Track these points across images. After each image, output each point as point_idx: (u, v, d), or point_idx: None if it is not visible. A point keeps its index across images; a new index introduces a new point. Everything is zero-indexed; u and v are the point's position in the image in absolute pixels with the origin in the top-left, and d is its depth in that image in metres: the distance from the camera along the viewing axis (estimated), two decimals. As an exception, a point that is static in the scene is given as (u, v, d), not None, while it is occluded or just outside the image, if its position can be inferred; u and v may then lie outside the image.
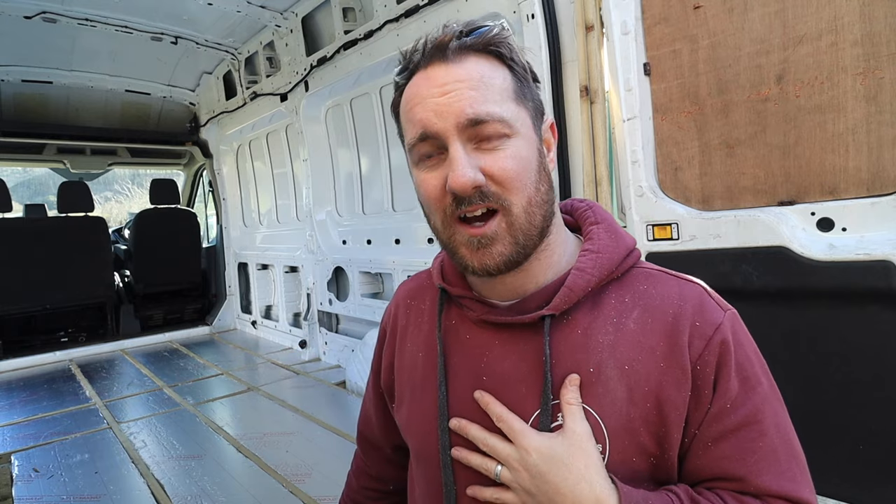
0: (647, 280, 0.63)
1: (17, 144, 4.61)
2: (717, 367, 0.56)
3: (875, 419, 1.23)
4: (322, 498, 1.82)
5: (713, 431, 0.56)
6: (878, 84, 1.20)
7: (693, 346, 0.57)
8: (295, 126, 3.70)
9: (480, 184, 0.56)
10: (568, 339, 0.61)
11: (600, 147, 1.76)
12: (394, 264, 3.00)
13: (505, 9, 2.10)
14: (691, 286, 0.62)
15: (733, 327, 0.59)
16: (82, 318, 4.58)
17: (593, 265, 0.61)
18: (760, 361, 0.59)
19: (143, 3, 3.32)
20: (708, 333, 0.57)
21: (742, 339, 0.59)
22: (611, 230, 0.65)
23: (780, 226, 1.32)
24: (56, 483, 2.00)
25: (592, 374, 0.58)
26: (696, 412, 0.56)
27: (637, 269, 0.65)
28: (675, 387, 0.56)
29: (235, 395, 3.00)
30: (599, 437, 0.57)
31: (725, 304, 0.61)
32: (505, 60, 0.61)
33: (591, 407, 0.58)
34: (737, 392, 0.56)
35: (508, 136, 0.57)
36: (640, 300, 0.61)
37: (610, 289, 0.63)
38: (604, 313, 0.61)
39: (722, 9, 1.41)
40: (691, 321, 0.58)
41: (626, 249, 0.64)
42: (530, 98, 0.62)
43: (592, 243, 0.64)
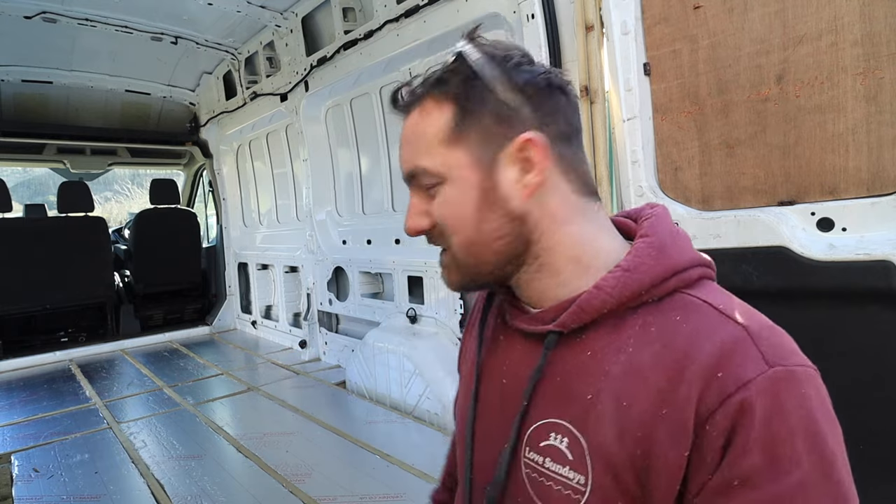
0: (685, 310, 0.54)
1: (17, 144, 4.60)
2: (729, 433, 0.46)
3: (875, 419, 1.23)
4: (322, 498, 1.82)
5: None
6: (878, 84, 1.20)
7: (705, 401, 0.47)
8: (295, 126, 3.70)
9: (422, 230, 0.63)
10: (576, 359, 0.57)
11: (600, 147, 1.76)
12: (394, 264, 3.00)
13: (505, 9, 2.10)
14: (731, 327, 0.51)
15: (775, 389, 0.46)
16: (82, 318, 4.58)
17: (615, 285, 0.55)
18: (816, 441, 0.46)
19: (143, 3, 3.32)
20: (728, 390, 0.46)
21: (789, 405, 0.46)
22: (657, 246, 0.58)
23: (780, 226, 1.32)
24: (56, 483, 2.00)
25: (589, 403, 0.54)
26: (696, 479, 0.48)
27: (682, 295, 0.56)
28: (669, 442, 0.48)
29: (235, 395, 3.00)
30: (583, 469, 0.53)
31: (781, 358, 0.48)
32: (449, 95, 0.58)
33: (582, 435, 0.54)
34: (756, 470, 0.45)
35: (440, 183, 0.60)
36: (666, 333, 0.53)
37: (640, 313, 0.56)
38: (621, 339, 0.55)
39: (722, 9, 1.41)
40: (712, 370, 0.48)
41: (669, 270, 0.56)
42: (476, 126, 0.58)
43: (628, 260, 0.57)
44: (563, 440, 0.56)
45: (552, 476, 0.56)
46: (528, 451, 0.59)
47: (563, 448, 0.56)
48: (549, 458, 0.56)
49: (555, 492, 0.55)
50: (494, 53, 0.59)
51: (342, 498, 1.82)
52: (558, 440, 0.56)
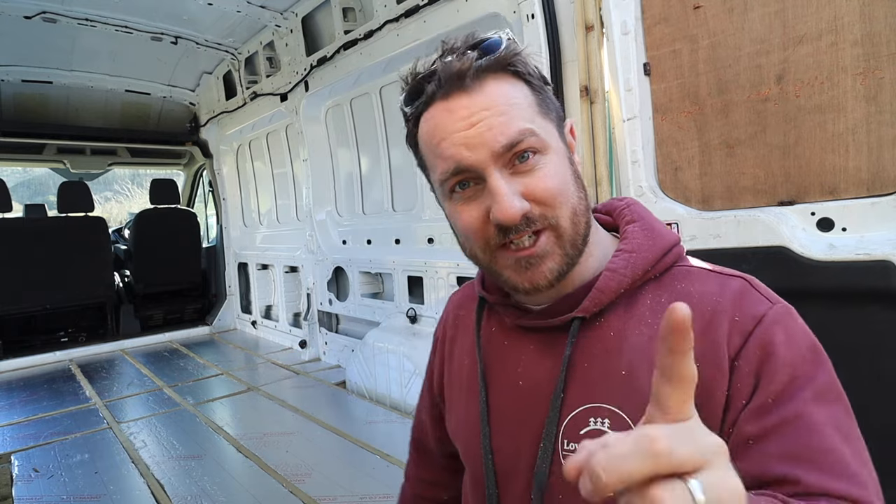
0: (687, 278, 0.60)
1: (17, 144, 4.60)
2: (759, 363, 0.52)
3: (875, 419, 1.23)
4: (322, 498, 1.82)
5: (753, 429, 0.51)
6: (878, 84, 1.20)
7: (732, 342, 0.53)
8: (295, 126, 3.70)
9: (527, 211, 0.56)
10: (600, 342, 0.59)
11: (600, 147, 1.76)
12: (394, 264, 3.00)
13: (505, 9, 2.10)
14: (734, 280, 0.59)
15: (781, 321, 0.54)
16: (82, 318, 4.58)
17: (626, 265, 0.59)
18: (818, 360, 0.54)
19: (143, 3, 3.32)
20: (748, 328, 0.53)
21: (794, 333, 0.54)
22: (647, 228, 0.63)
23: (780, 226, 1.32)
24: (56, 483, 2.00)
25: (624, 377, 0.57)
26: (734, 408, 0.52)
27: (678, 268, 0.62)
28: (711, 386, 0.52)
29: (235, 395, 3.00)
30: None
31: (775, 298, 0.57)
32: (522, 76, 0.59)
33: (623, 410, 0.56)
34: (783, 387, 0.51)
35: (542, 153, 0.57)
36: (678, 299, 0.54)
37: (647, 289, 0.61)
38: (638, 314, 0.59)
39: (722, 9, 1.41)
40: (730, 316, 0.55)
41: (665, 247, 0.62)
42: (552, 107, 0.62)
43: (627, 243, 0.62)
44: (605, 421, 0.57)
45: None
46: (566, 444, 0.58)
47: (605, 429, 0.56)
48: None
49: None
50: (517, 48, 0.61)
51: (342, 498, 1.82)
52: (599, 423, 0.57)
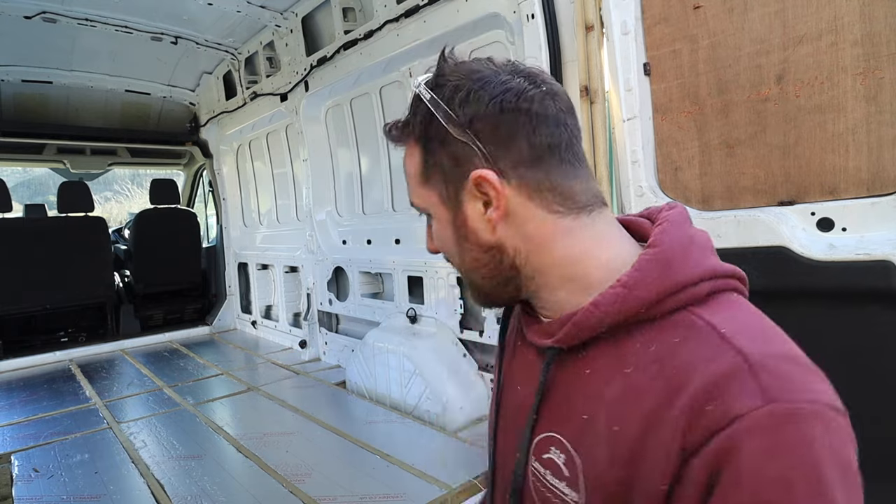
0: (687, 331, 0.50)
1: (17, 144, 4.60)
2: (714, 473, 0.42)
3: (875, 419, 1.23)
4: (322, 498, 1.82)
5: None
6: (878, 84, 1.20)
7: (692, 434, 0.44)
8: (295, 126, 3.70)
9: (435, 251, 0.68)
10: (578, 377, 0.57)
11: (600, 147, 1.76)
12: (394, 264, 3.00)
13: (505, 9, 2.10)
14: (730, 355, 0.46)
15: (773, 427, 0.41)
16: (82, 318, 4.58)
17: (612, 302, 0.53)
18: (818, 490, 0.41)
19: (143, 3, 3.32)
20: (716, 425, 0.43)
21: (783, 450, 0.41)
22: (662, 260, 0.53)
23: (780, 226, 1.32)
24: (56, 483, 2.00)
25: (585, 423, 0.54)
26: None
27: (686, 314, 0.52)
28: (652, 470, 0.47)
29: (235, 395, 3.00)
30: (576, 487, 0.54)
31: (784, 394, 0.43)
32: (418, 140, 0.62)
33: (577, 454, 0.54)
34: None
35: (432, 216, 0.65)
36: (664, 356, 0.50)
37: (644, 330, 0.53)
38: (620, 359, 0.53)
39: (722, 9, 1.41)
40: (702, 402, 0.44)
41: (671, 288, 0.52)
42: (438, 166, 0.60)
43: (629, 275, 0.54)
44: (561, 456, 0.56)
45: (552, 489, 0.57)
46: (534, 461, 0.60)
47: (560, 464, 0.56)
48: (550, 472, 0.58)
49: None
50: (445, 88, 0.57)
51: (342, 498, 1.82)
52: (557, 455, 0.57)
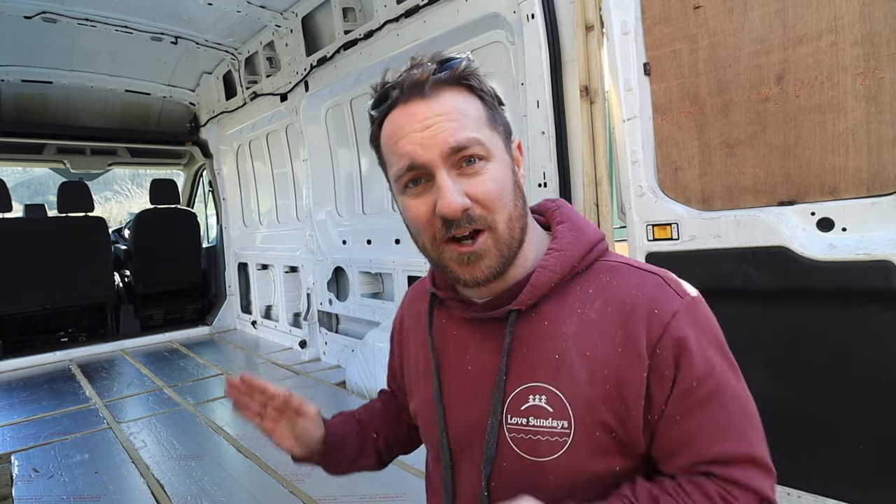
0: (610, 272, 0.69)
1: (17, 144, 4.61)
2: (676, 352, 0.62)
3: (875, 419, 1.23)
4: (322, 498, 1.82)
5: (680, 408, 0.62)
6: (878, 84, 1.20)
7: (651, 333, 0.62)
8: (295, 126, 3.70)
9: (468, 207, 0.63)
10: (536, 330, 0.68)
11: (600, 147, 1.76)
12: (394, 264, 3.00)
13: (505, 9, 2.10)
14: (650, 277, 0.67)
15: (691, 312, 0.64)
16: (82, 318, 4.58)
17: (556, 262, 0.68)
18: (718, 341, 0.65)
19: (143, 3, 3.32)
20: (665, 320, 0.63)
21: (701, 322, 0.64)
22: (574, 228, 0.72)
23: (780, 226, 1.32)
24: (56, 483, 2.00)
25: (557, 361, 0.66)
26: (660, 392, 0.62)
27: (601, 262, 0.71)
28: (631, 369, 0.62)
29: (235, 395, 3.00)
30: (565, 415, 0.64)
31: (684, 291, 0.66)
32: (475, 91, 0.67)
33: (557, 389, 0.65)
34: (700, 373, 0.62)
35: (487, 160, 0.65)
36: (603, 291, 0.67)
37: (576, 281, 0.69)
38: (568, 305, 0.68)
39: (722, 9, 1.41)
40: (649, 309, 0.63)
41: (589, 245, 0.70)
42: (500, 123, 0.69)
43: (556, 242, 0.70)
44: (542, 398, 0.66)
45: (538, 430, 0.66)
46: (510, 418, 0.67)
47: (542, 404, 0.66)
48: (532, 416, 0.66)
49: (543, 443, 0.65)
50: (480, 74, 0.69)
51: (342, 498, 1.82)
52: (537, 399, 0.66)
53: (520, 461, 0.67)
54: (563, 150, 1.88)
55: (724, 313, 1.47)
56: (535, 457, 0.65)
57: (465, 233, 0.64)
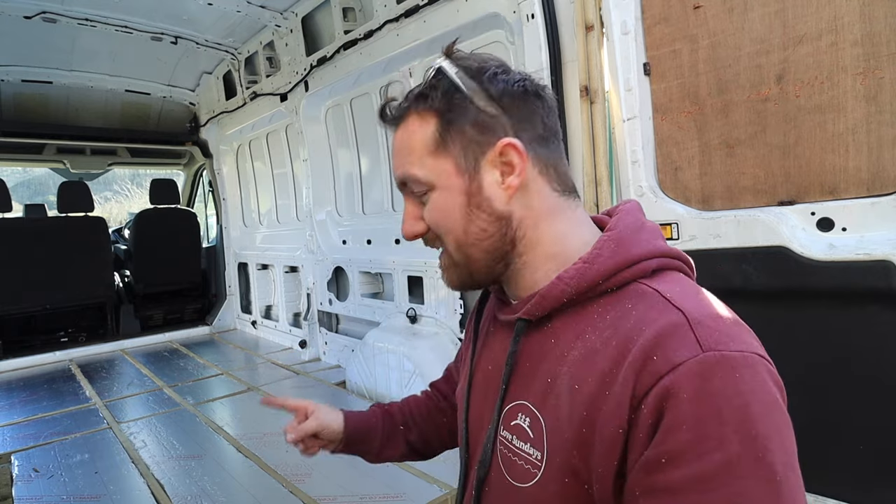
0: (638, 299, 0.57)
1: (17, 144, 4.60)
2: (659, 412, 0.48)
3: (875, 419, 1.23)
4: (322, 498, 1.82)
5: (642, 483, 0.48)
6: (878, 84, 1.20)
7: (640, 382, 0.50)
8: (295, 126, 3.70)
9: (417, 234, 0.69)
10: (542, 346, 0.63)
11: (600, 147, 1.76)
12: (394, 264, 3.00)
13: (505, 9, 2.10)
14: (672, 313, 0.53)
15: (705, 372, 0.47)
16: (82, 318, 4.58)
17: (574, 276, 0.60)
18: (745, 424, 0.46)
19: (143, 3, 3.32)
20: (660, 371, 0.49)
21: (718, 388, 0.47)
22: (619, 240, 0.61)
23: (780, 226, 1.32)
24: (56, 483, 2.00)
25: (548, 385, 0.60)
26: (632, 455, 0.50)
27: (637, 285, 0.59)
28: (608, 419, 0.52)
29: (235, 395, 3.00)
30: (540, 446, 0.59)
31: (718, 343, 0.49)
32: (433, 109, 0.64)
33: (541, 415, 0.60)
34: (682, 448, 0.46)
35: (430, 190, 0.65)
36: (618, 320, 0.56)
37: (600, 302, 0.60)
38: (580, 327, 0.60)
39: (722, 9, 1.41)
40: (648, 353, 0.51)
41: (625, 262, 0.59)
42: (456, 136, 0.63)
43: (590, 252, 0.61)
44: (527, 419, 0.61)
45: (517, 452, 0.62)
46: (502, 430, 0.65)
47: (525, 427, 0.61)
48: (516, 437, 0.63)
49: (518, 466, 0.62)
50: (471, 66, 0.64)
51: (342, 498, 1.82)
52: (523, 419, 0.62)
53: (502, 478, 0.64)
54: (563, 150, 1.87)
55: (724, 313, 1.47)
56: (512, 479, 0.62)
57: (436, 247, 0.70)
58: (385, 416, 1.02)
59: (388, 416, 1.02)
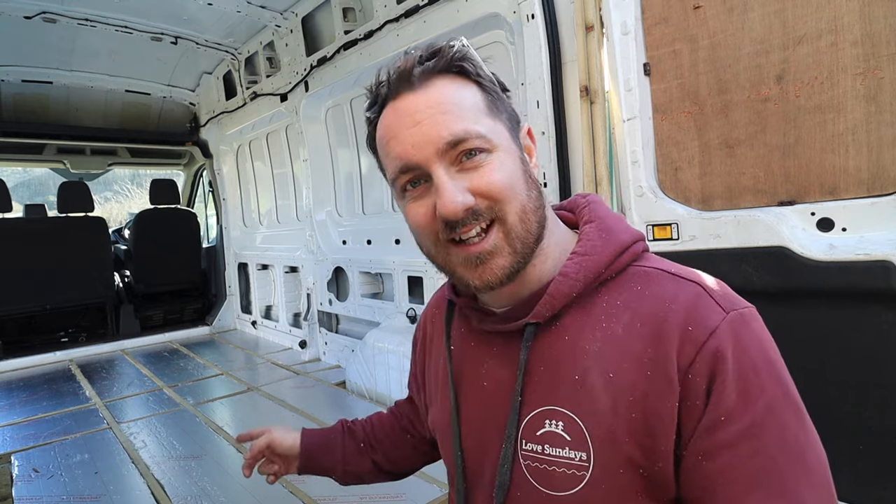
0: (643, 280, 0.59)
1: (17, 144, 4.60)
2: (710, 376, 0.52)
3: (875, 419, 1.23)
4: (322, 498, 1.82)
5: (704, 446, 0.52)
6: (878, 84, 1.20)
7: (683, 354, 0.53)
8: (295, 126, 3.70)
9: (470, 205, 0.56)
10: (555, 346, 0.60)
11: (600, 147, 1.76)
12: (394, 264, 3.00)
13: (505, 9, 2.10)
14: (688, 286, 0.57)
15: (734, 330, 0.53)
16: (82, 318, 4.58)
17: (577, 270, 0.59)
18: (771, 368, 0.53)
19: (143, 3, 3.32)
20: (700, 339, 0.52)
21: (746, 343, 0.53)
22: (603, 228, 0.63)
23: (780, 226, 1.32)
24: (56, 483, 2.00)
25: (577, 382, 0.58)
26: (689, 423, 0.52)
27: (635, 268, 0.61)
28: (660, 397, 0.53)
29: (235, 395, 3.00)
30: (583, 446, 0.56)
31: (731, 303, 0.55)
32: (471, 77, 0.60)
33: (576, 415, 0.57)
34: (733, 404, 0.51)
35: (489, 151, 0.58)
36: (632, 303, 0.58)
37: (603, 291, 0.60)
38: (592, 318, 0.59)
39: (722, 9, 1.41)
40: (682, 326, 0.54)
41: (619, 248, 0.61)
42: (503, 110, 0.62)
43: (581, 244, 0.62)
44: (559, 424, 0.58)
45: (553, 460, 0.58)
46: (524, 444, 0.60)
47: (559, 431, 0.58)
48: (548, 445, 0.58)
49: (558, 475, 0.58)
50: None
51: (342, 498, 1.82)
52: (554, 425, 0.58)
53: (534, 492, 0.59)
54: (563, 151, 1.88)
55: (724, 313, 1.46)
56: (550, 490, 0.58)
57: (472, 231, 0.57)
58: (346, 432, 0.98)
59: (350, 432, 0.98)
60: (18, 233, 4.16)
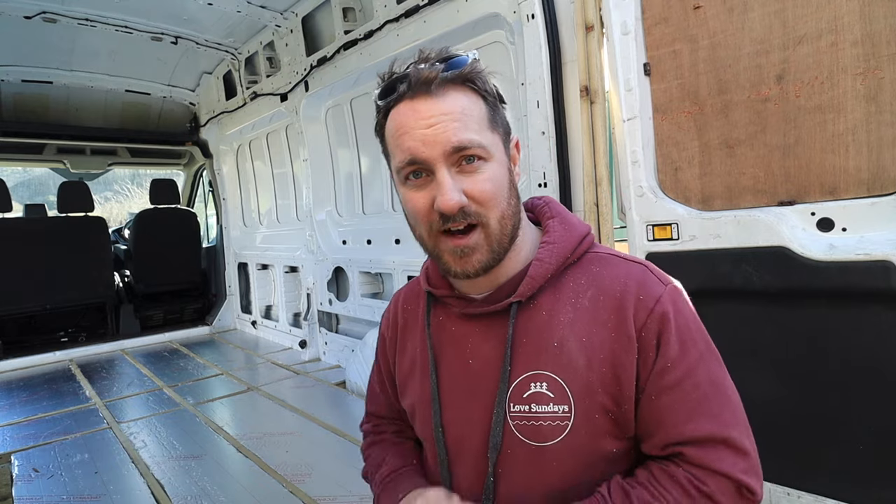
0: (599, 263, 0.75)
1: (17, 144, 4.61)
2: (658, 333, 0.67)
3: (875, 419, 1.23)
4: (322, 498, 1.82)
5: (656, 387, 0.67)
6: (878, 84, 1.20)
7: (638, 317, 0.68)
8: (295, 126, 3.70)
9: (464, 205, 0.67)
10: (534, 320, 0.72)
11: (600, 147, 1.76)
12: (394, 264, 3.00)
13: (505, 9, 2.10)
14: (635, 266, 0.73)
15: (673, 298, 0.69)
16: (82, 318, 4.58)
17: (550, 255, 0.73)
18: (698, 327, 0.70)
19: (143, 3, 3.32)
20: (650, 305, 0.68)
21: (681, 308, 0.70)
22: (564, 222, 0.77)
23: (780, 226, 1.32)
24: (56, 483, 2.00)
25: (556, 348, 0.70)
26: (644, 371, 0.67)
27: (590, 254, 0.76)
28: (624, 352, 0.67)
29: (235, 395, 3.00)
30: (565, 400, 0.68)
31: (667, 279, 0.72)
32: (479, 92, 0.70)
33: (557, 375, 0.69)
34: (676, 353, 0.66)
35: (486, 160, 0.68)
36: (594, 281, 0.73)
37: (568, 273, 0.74)
38: (564, 295, 0.73)
39: (722, 9, 1.41)
40: (635, 295, 0.69)
41: (579, 237, 0.76)
42: (500, 123, 0.73)
43: (549, 236, 0.75)
44: (543, 384, 0.69)
45: (540, 416, 0.69)
46: (512, 406, 0.71)
47: (544, 391, 0.69)
48: (535, 403, 0.69)
49: (545, 427, 0.69)
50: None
51: (342, 498, 1.82)
52: (539, 386, 0.70)
53: (523, 447, 0.70)
54: (563, 151, 1.88)
55: (724, 313, 1.47)
56: (538, 442, 0.69)
57: (461, 226, 0.68)
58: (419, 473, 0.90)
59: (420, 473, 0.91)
60: (18, 233, 4.16)
